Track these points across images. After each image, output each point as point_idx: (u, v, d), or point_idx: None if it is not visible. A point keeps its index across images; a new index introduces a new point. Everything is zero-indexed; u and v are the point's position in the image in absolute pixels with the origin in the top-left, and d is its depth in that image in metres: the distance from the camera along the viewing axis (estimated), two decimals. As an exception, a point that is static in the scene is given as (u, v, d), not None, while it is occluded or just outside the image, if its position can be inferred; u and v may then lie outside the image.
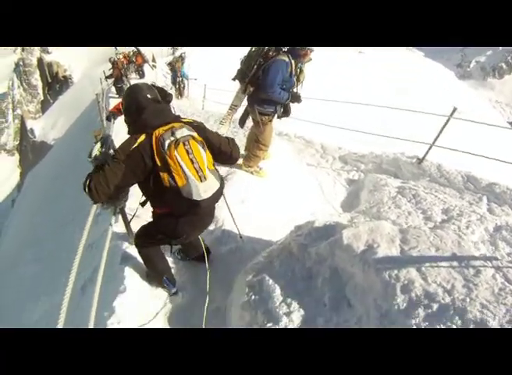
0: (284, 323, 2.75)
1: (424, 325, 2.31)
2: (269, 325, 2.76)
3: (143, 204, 2.89)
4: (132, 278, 3.40)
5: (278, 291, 3.03)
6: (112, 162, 2.30)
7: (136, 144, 2.32)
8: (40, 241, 7.18)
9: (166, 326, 3.23)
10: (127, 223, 3.56)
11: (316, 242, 3.26)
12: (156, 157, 2.31)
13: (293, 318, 2.76)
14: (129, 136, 2.43)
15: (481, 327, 2.13)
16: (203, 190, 2.41)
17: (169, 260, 3.59)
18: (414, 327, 2.31)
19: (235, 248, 4.05)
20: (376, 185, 5.72)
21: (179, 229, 2.70)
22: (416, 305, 2.42)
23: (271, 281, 3.12)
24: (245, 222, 4.23)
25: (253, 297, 3.07)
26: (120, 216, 3.42)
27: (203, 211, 2.60)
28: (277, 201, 5.08)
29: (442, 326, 2.24)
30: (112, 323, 2.96)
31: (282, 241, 3.59)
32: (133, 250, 3.54)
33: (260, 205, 4.83)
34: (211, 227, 4.28)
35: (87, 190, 2.29)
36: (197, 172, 2.35)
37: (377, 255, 2.82)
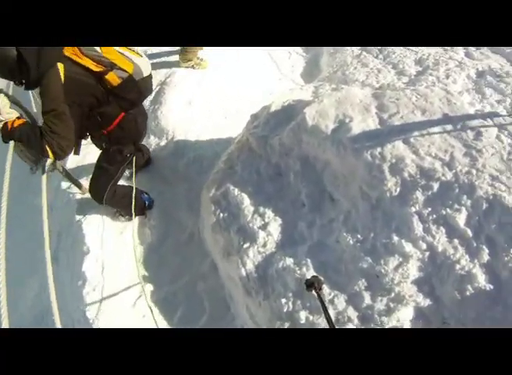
0: (262, 238, 2.38)
1: (425, 211, 1.91)
2: (247, 245, 2.39)
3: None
4: (91, 234, 3.08)
5: (246, 200, 2.59)
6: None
7: (62, 75, 2.07)
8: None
9: (143, 272, 2.92)
10: (69, 174, 3.13)
11: (277, 130, 2.71)
12: (92, 65, 2.18)
13: (270, 231, 2.38)
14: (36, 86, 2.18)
15: (495, 204, 1.71)
16: (144, 67, 2.40)
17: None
18: (415, 217, 1.91)
19: (193, 157, 3.51)
20: (336, 46, 5.04)
21: (139, 124, 2.66)
22: (412, 187, 2.02)
23: (236, 191, 2.66)
24: (198, 124, 3.65)
25: (221, 215, 2.65)
26: (57, 171, 2.93)
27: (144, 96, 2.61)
28: (228, 91, 4.43)
29: (449, 211, 1.84)
30: (88, 293, 2.80)
31: (238, 138, 3.00)
32: (83, 202, 3.27)
33: (210, 101, 4.18)
34: (163, 142, 3.67)
35: (51, 155, 2.15)
36: (131, 50, 2.33)
37: (351, 131, 2.32)
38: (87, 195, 3.16)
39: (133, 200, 2.83)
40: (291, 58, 5.51)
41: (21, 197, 4.21)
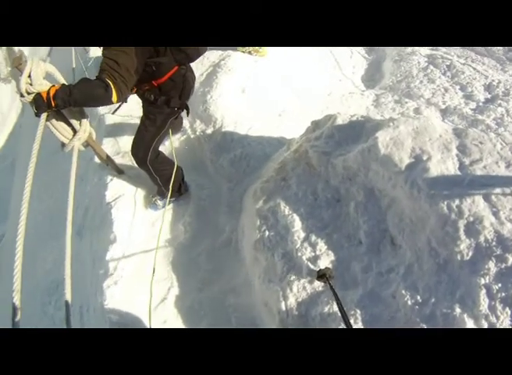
0: (307, 272, 2.46)
1: (495, 287, 1.96)
2: (292, 277, 2.48)
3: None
4: (120, 221, 3.25)
5: (297, 223, 2.66)
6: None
7: None
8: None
9: (170, 274, 3.06)
10: (104, 154, 3.27)
11: (342, 149, 2.73)
12: None
13: (320, 266, 2.45)
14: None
15: None
16: None
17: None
18: (483, 290, 1.97)
19: (240, 154, 3.57)
20: (401, 53, 5.24)
21: (189, 80, 2.91)
22: (485, 255, 2.02)
23: (287, 209, 2.74)
24: (249, 116, 3.67)
25: (267, 233, 2.73)
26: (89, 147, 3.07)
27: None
28: (285, 84, 4.44)
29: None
30: (109, 286, 2.93)
31: (295, 148, 3.05)
32: (117, 183, 3.41)
33: (265, 93, 4.22)
34: (209, 130, 3.74)
35: (116, 91, 2.30)
36: None
37: (429, 172, 2.32)
38: (122, 177, 3.34)
39: (175, 168, 3.08)
40: (353, 57, 5.61)
41: (54, 160, 4.46)
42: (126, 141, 3.66)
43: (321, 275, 2.34)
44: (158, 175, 3.21)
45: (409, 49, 5.26)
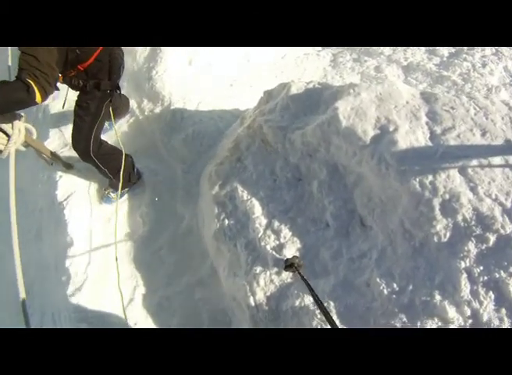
0: (274, 262, 2.25)
1: (477, 270, 1.78)
2: (258, 269, 2.27)
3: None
4: (75, 222, 3.00)
5: (258, 208, 2.43)
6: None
7: None
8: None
9: (134, 271, 2.84)
10: (48, 151, 2.99)
11: (299, 121, 2.47)
12: None
13: (286, 255, 2.23)
14: None
15: None
16: None
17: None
18: (463, 274, 1.79)
19: (192, 133, 3.29)
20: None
21: (116, 56, 2.69)
22: (464, 235, 1.85)
23: (245, 194, 2.49)
24: (198, 90, 3.35)
25: (226, 221, 2.50)
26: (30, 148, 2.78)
27: None
28: (236, 52, 4.09)
29: (502, 274, 1.74)
30: (73, 293, 2.72)
31: (249, 123, 2.76)
32: (69, 182, 3.14)
33: (214, 63, 3.89)
34: (157, 109, 3.41)
35: (39, 91, 2.10)
36: None
37: (397, 145, 2.09)
38: (71, 173, 3.05)
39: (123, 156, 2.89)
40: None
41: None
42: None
43: (289, 265, 2.15)
44: (106, 167, 2.95)
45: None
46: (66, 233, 2.90)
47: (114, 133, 2.99)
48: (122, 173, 2.88)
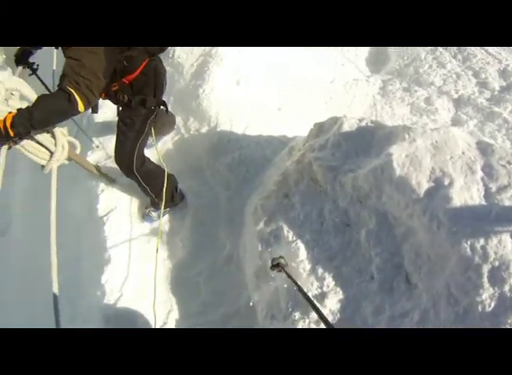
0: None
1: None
2: (297, 315, 2.29)
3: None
4: (114, 238, 3.06)
5: (303, 252, 2.44)
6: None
7: None
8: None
9: (169, 295, 2.89)
10: (91, 166, 3.06)
11: (350, 161, 2.46)
12: None
13: (327, 305, 2.24)
14: None
15: None
16: None
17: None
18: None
19: (238, 157, 3.29)
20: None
21: (160, 72, 2.72)
22: (509, 307, 1.79)
23: (291, 235, 2.50)
24: (246, 112, 3.37)
25: (269, 262, 2.50)
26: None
27: None
28: (284, 73, 4.06)
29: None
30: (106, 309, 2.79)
31: (298, 157, 2.76)
32: (110, 196, 3.20)
33: (263, 84, 3.86)
34: (204, 129, 3.44)
35: (81, 99, 2.04)
36: None
37: (451, 203, 2.05)
38: (114, 187, 3.12)
39: (165, 177, 2.90)
40: (355, 40, 5.12)
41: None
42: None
43: (276, 264, 2.32)
44: (148, 184, 2.99)
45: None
46: (105, 249, 2.96)
47: (156, 151, 3.03)
48: (164, 191, 2.90)
